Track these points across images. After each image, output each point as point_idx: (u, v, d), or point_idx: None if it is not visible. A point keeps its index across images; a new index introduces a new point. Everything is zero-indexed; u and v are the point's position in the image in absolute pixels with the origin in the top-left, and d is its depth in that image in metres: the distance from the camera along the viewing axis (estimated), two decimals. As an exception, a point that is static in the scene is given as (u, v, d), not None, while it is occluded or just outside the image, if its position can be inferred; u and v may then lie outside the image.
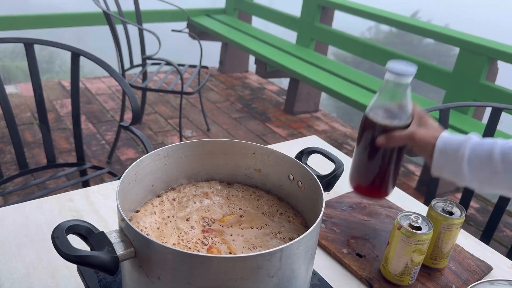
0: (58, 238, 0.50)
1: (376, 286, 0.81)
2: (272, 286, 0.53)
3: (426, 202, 1.32)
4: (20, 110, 3.20)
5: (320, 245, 0.90)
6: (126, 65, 2.76)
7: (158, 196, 0.71)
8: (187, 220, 0.66)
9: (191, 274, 0.50)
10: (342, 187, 1.11)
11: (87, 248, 0.53)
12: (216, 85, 4.08)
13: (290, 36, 3.86)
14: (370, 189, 0.90)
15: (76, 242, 0.54)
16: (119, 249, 0.52)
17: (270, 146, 0.87)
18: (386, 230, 0.96)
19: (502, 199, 1.38)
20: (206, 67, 3.02)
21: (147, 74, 2.93)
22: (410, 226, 0.77)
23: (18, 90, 3.55)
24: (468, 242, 0.98)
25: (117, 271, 0.51)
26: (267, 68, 3.49)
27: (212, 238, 0.63)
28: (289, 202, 0.74)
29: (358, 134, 0.85)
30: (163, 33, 2.88)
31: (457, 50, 2.56)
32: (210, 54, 4.93)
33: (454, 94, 2.53)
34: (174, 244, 0.61)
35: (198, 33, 4.11)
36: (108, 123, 3.19)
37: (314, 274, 0.76)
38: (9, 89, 3.50)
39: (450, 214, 0.82)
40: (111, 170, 1.75)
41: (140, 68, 2.92)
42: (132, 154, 2.83)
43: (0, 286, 0.76)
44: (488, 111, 1.51)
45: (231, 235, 0.65)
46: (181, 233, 0.64)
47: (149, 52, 2.85)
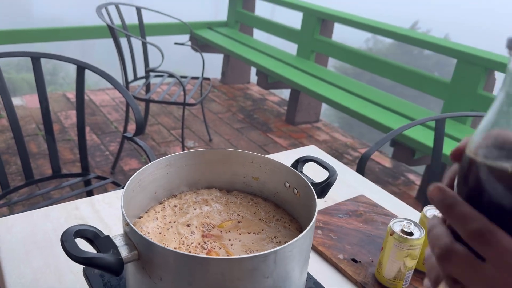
0: (67, 241, 0.53)
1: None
2: (267, 286, 0.56)
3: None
4: (25, 122, 3.25)
5: (317, 251, 0.93)
6: (130, 77, 2.82)
7: (161, 203, 0.75)
8: (188, 225, 0.70)
9: (191, 275, 0.54)
10: (339, 195, 1.15)
11: (94, 251, 0.57)
12: (218, 96, 4.13)
13: (290, 48, 3.91)
14: None
15: (83, 246, 0.58)
16: (124, 251, 0.56)
17: (268, 156, 0.91)
18: (381, 236, 0.99)
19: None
20: (208, 79, 3.07)
21: (150, 86, 2.98)
22: (403, 231, 0.80)
23: (24, 102, 3.61)
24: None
25: (121, 272, 0.54)
26: (268, 79, 3.54)
27: (211, 243, 0.67)
28: (285, 208, 0.77)
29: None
30: (166, 45, 2.94)
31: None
32: (213, 66, 4.99)
33: (452, 105, 2.57)
34: (175, 248, 0.64)
35: (201, 45, 4.17)
36: (112, 134, 3.23)
37: (310, 278, 0.79)
38: (14, 101, 3.55)
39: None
40: (115, 180, 1.78)
41: (143, 80, 2.98)
42: (135, 165, 2.87)
43: (9, 291, 0.80)
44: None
45: (229, 240, 0.68)
46: (181, 237, 0.67)
47: (152, 64, 2.90)
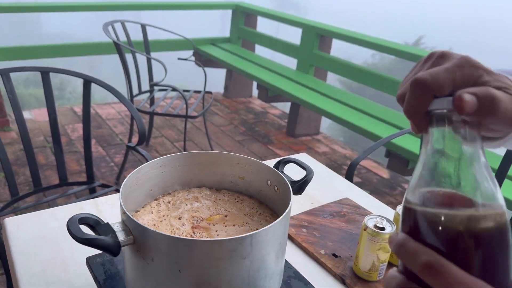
0: (72, 226, 0.62)
1: (348, 281, 0.91)
2: (245, 266, 0.65)
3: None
4: (33, 134, 3.37)
5: (300, 247, 1.01)
6: (135, 91, 2.93)
7: (156, 199, 0.84)
8: (179, 218, 0.79)
9: (179, 255, 0.62)
10: (324, 198, 1.23)
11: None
12: (221, 109, 4.23)
13: (291, 62, 4.03)
14: None
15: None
16: (121, 236, 0.64)
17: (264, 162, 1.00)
18: (361, 234, 1.06)
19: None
20: (210, 92, 3.17)
21: (154, 100, 3.09)
22: (375, 226, 0.88)
23: (32, 116, 3.73)
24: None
25: (118, 254, 0.63)
26: (268, 93, 3.65)
27: (199, 233, 0.75)
28: (268, 205, 0.85)
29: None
30: (171, 61, 3.06)
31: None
32: (216, 80, 5.11)
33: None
34: (167, 236, 0.73)
35: (204, 60, 4.30)
36: (117, 146, 3.34)
37: (290, 268, 0.88)
38: (23, 114, 3.68)
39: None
40: (119, 188, 1.87)
41: (148, 94, 3.09)
42: (139, 176, 2.96)
43: (20, 280, 0.88)
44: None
45: (216, 231, 0.77)
46: (173, 228, 0.76)
47: (156, 78, 3.02)
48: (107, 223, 0.66)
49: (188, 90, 3.16)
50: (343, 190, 1.30)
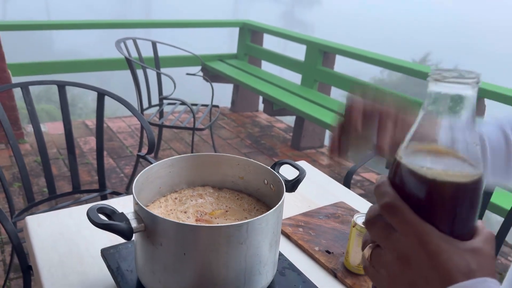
0: (91, 213, 0.72)
1: (339, 275, 0.99)
2: (242, 251, 0.73)
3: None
4: (47, 147, 3.48)
5: (296, 244, 1.09)
6: (145, 105, 3.05)
7: (164, 196, 0.93)
8: (185, 212, 0.88)
9: (183, 240, 0.71)
10: (321, 201, 1.31)
11: (111, 224, 0.75)
12: (227, 123, 4.34)
13: (297, 78, 4.14)
14: None
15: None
16: (134, 223, 0.74)
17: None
18: (354, 234, 1.14)
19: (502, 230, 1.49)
20: (217, 106, 3.28)
21: (164, 113, 3.21)
22: (363, 223, 0.96)
23: (46, 129, 3.87)
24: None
25: (131, 238, 0.72)
26: (274, 106, 3.75)
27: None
28: (265, 202, 0.94)
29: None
30: (180, 76, 3.19)
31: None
32: (223, 95, 5.24)
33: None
34: (173, 226, 0.82)
35: (212, 76, 4.43)
36: (127, 158, 3.45)
37: (285, 260, 0.96)
38: (37, 127, 3.81)
39: None
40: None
41: (157, 107, 3.21)
42: (147, 186, 3.06)
43: (40, 270, 0.97)
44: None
45: (218, 223, 0.85)
46: (179, 221, 0.85)
47: (166, 93, 3.14)
48: (122, 213, 0.75)
49: (196, 104, 3.28)
50: (339, 194, 1.39)
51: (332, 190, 1.41)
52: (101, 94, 1.86)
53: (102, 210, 0.74)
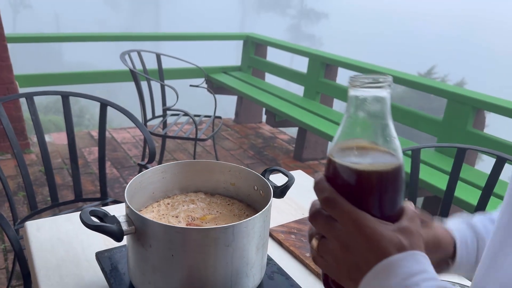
0: (84, 216, 0.75)
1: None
2: (229, 253, 0.76)
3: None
4: (52, 156, 3.54)
5: (288, 250, 1.11)
6: (149, 116, 3.10)
7: (157, 201, 0.96)
8: (176, 217, 0.90)
9: (172, 241, 0.74)
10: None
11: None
12: (231, 134, 4.38)
13: (300, 90, 4.18)
14: None
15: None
16: (124, 226, 0.76)
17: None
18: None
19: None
20: (219, 117, 3.32)
21: (167, 124, 3.25)
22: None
23: (51, 139, 3.93)
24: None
25: (122, 240, 0.75)
26: (276, 118, 3.79)
27: (193, 229, 0.87)
28: (254, 207, 0.97)
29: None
30: (184, 88, 3.23)
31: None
32: (228, 106, 5.29)
33: (444, 141, 2.74)
34: (164, 230, 0.85)
35: (216, 88, 4.48)
36: (130, 168, 3.49)
37: (275, 264, 0.98)
38: (43, 138, 3.88)
39: None
40: (129, 203, 2.00)
41: (161, 118, 3.25)
42: (150, 196, 3.09)
43: (37, 273, 1.00)
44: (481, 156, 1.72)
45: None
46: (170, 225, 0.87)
47: (170, 104, 3.18)
48: (113, 215, 0.78)
49: (199, 115, 3.32)
50: (334, 203, 1.40)
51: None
52: (104, 105, 1.91)
53: (94, 213, 0.77)
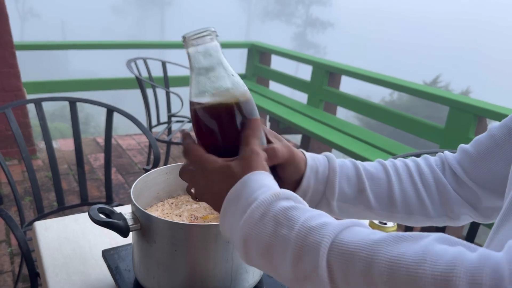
0: (92, 212, 0.79)
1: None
2: (229, 249, 0.79)
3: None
4: (58, 162, 3.59)
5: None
6: (154, 122, 3.15)
7: (161, 201, 1.00)
8: (180, 216, 0.94)
9: (175, 237, 0.77)
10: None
11: (110, 223, 0.81)
12: (235, 142, 4.42)
13: (305, 98, 4.22)
14: None
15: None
16: (130, 222, 0.80)
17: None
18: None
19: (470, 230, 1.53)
20: (223, 124, 3.36)
21: (172, 130, 3.30)
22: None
23: (58, 145, 3.99)
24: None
25: (128, 235, 0.79)
26: (279, 125, 3.83)
27: (196, 227, 0.90)
28: (256, 208, 1.00)
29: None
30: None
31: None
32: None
33: (446, 148, 2.76)
34: (168, 227, 0.88)
35: (220, 95, 4.53)
36: (135, 174, 3.53)
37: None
38: (50, 144, 3.93)
39: (384, 224, 1.06)
40: (134, 207, 2.04)
41: (166, 124, 3.30)
42: (154, 201, 3.13)
43: (46, 270, 1.04)
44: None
45: (210, 226, 0.91)
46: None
47: (174, 111, 3.24)
48: (120, 213, 0.82)
49: (203, 122, 3.36)
50: (334, 206, 1.43)
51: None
52: (110, 110, 1.95)
53: (102, 210, 0.81)
